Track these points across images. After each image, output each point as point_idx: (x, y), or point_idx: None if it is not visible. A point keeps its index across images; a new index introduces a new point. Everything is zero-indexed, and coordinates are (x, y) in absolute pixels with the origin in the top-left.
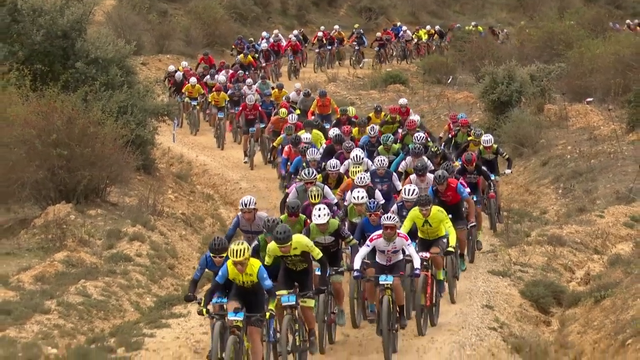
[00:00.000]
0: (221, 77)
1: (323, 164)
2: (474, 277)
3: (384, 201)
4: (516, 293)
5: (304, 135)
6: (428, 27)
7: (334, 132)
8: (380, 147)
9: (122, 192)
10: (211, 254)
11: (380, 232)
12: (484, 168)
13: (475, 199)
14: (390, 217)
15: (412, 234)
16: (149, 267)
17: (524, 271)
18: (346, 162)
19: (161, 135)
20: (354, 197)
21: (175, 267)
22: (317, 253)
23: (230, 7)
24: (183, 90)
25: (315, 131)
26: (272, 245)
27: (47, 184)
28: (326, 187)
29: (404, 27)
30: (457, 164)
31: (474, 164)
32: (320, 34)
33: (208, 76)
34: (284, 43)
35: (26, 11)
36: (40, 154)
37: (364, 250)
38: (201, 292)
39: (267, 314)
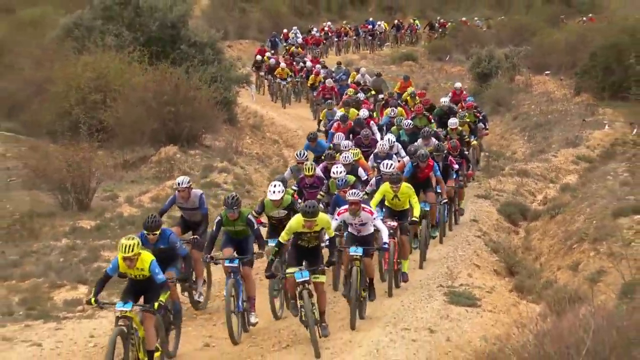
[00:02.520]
0: (272, 60)
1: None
2: (465, 201)
3: (365, 177)
4: (494, 210)
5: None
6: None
7: (363, 113)
8: (394, 127)
9: (213, 138)
10: (145, 231)
11: (346, 206)
12: (466, 152)
13: (459, 177)
14: (355, 192)
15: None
16: (232, 191)
17: (500, 195)
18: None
19: (241, 97)
20: (333, 172)
21: (251, 191)
22: (331, 233)
23: (291, 5)
24: (275, 73)
25: (352, 109)
26: (295, 221)
27: (160, 132)
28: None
29: (379, 22)
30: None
31: (458, 150)
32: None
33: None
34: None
35: (145, 8)
36: (155, 110)
37: (334, 224)
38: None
39: (156, 304)
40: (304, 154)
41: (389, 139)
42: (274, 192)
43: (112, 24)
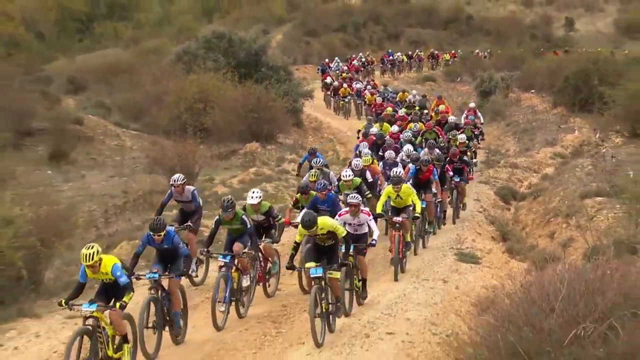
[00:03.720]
0: (336, 83)
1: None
2: (470, 186)
3: (371, 179)
4: (492, 193)
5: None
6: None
7: (394, 128)
8: (419, 138)
9: (285, 137)
10: (151, 233)
11: (348, 209)
12: (465, 158)
13: (459, 179)
14: (354, 196)
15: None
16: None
17: (496, 181)
18: (386, 153)
19: (305, 107)
20: (343, 176)
21: None
22: (341, 232)
23: (342, 39)
24: (339, 92)
25: (385, 124)
26: (300, 229)
27: (245, 132)
28: (331, 172)
29: (398, 53)
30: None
31: (457, 157)
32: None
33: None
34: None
35: (236, 41)
36: (242, 116)
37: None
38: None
39: (118, 304)
40: (319, 161)
41: (407, 149)
42: (252, 197)
43: (211, 52)
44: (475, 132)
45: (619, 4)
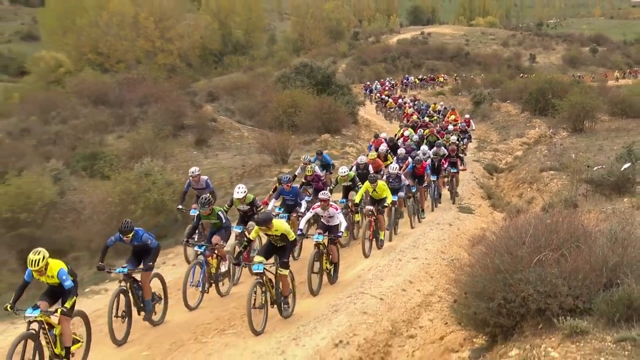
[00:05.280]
0: (390, 100)
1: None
2: (468, 162)
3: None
4: (481, 168)
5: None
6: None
7: (414, 137)
8: (425, 141)
9: (346, 130)
10: (120, 234)
11: (319, 203)
12: (461, 155)
13: (455, 170)
14: (325, 193)
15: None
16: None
17: (484, 160)
18: (398, 150)
19: (360, 112)
20: (340, 172)
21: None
22: (292, 236)
23: (384, 68)
24: (387, 105)
25: (410, 129)
26: (255, 227)
27: (321, 127)
28: (316, 166)
29: (410, 77)
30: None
31: (455, 152)
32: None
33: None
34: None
35: (315, 68)
36: (319, 117)
37: (308, 215)
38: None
39: (59, 310)
40: (307, 158)
41: (423, 150)
42: (238, 192)
43: (299, 76)
44: (462, 136)
45: (565, 46)
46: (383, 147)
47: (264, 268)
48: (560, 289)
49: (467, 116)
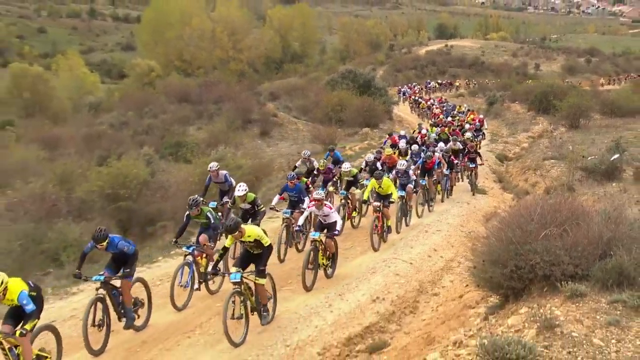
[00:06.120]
0: (422, 101)
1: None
2: (483, 153)
3: (380, 169)
4: (494, 156)
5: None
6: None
7: (432, 136)
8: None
9: (383, 125)
10: (94, 243)
11: (313, 202)
12: (479, 151)
13: (474, 165)
14: (319, 193)
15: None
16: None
17: (496, 150)
18: (413, 147)
19: (394, 109)
20: (343, 167)
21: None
22: (266, 242)
23: (415, 74)
24: (420, 106)
25: (434, 127)
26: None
27: (362, 122)
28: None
29: (432, 82)
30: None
31: (474, 148)
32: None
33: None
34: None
35: (358, 74)
36: (361, 113)
37: (306, 213)
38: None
39: (18, 332)
40: (306, 153)
41: (441, 145)
42: (239, 190)
43: (345, 80)
44: (476, 134)
45: (564, 57)
46: (403, 143)
47: (242, 277)
48: (562, 259)
49: (481, 116)
